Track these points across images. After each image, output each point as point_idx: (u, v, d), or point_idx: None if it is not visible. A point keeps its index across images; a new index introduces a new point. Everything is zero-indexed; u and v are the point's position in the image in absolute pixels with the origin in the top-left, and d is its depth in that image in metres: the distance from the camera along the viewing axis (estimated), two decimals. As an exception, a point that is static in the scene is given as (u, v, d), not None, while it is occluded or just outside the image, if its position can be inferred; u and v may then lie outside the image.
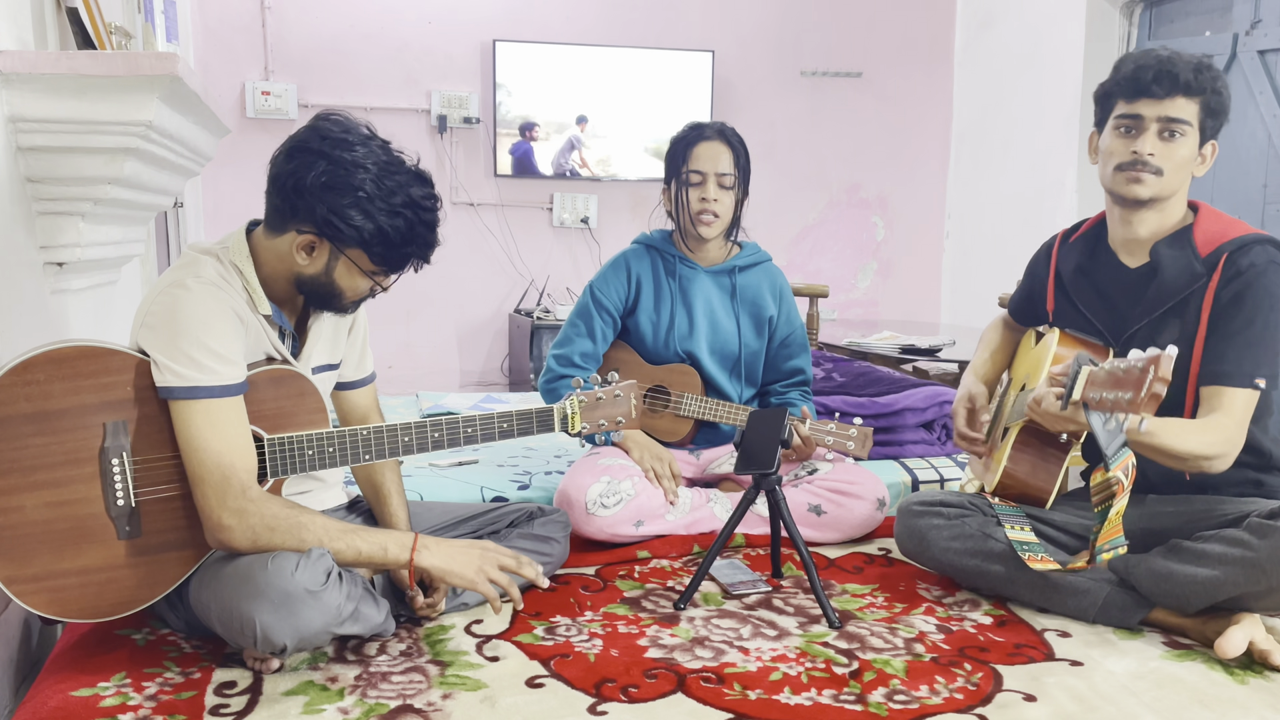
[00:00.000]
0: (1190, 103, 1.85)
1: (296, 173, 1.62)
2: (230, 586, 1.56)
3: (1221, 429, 1.78)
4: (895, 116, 5.51)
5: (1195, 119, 1.86)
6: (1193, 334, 1.86)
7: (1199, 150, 1.89)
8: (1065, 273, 2.06)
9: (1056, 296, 2.09)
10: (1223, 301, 1.83)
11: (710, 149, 2.40)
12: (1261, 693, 1.63)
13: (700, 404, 2.46)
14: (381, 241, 1.64)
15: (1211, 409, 1.81)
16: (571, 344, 2.46)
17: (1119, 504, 1.66)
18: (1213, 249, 1.87)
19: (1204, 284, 1.86)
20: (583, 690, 1.60)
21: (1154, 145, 1.86)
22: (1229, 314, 1.83)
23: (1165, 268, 1.89)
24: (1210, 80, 1.85)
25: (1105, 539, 1.70)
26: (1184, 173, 1.89)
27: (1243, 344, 1.80)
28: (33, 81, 1.77)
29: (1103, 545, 1.70)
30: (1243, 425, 1.80)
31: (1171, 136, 1.86)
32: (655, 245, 2.52)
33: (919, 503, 2.08)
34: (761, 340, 2.53)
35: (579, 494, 2.23)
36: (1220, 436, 1.77)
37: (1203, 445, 1.75)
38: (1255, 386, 1.80)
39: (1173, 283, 1.88)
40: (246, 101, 4.65)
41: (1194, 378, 1.85)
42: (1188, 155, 1.87)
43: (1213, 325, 1.84)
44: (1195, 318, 1.86)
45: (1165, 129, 1.86)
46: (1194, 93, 1.85)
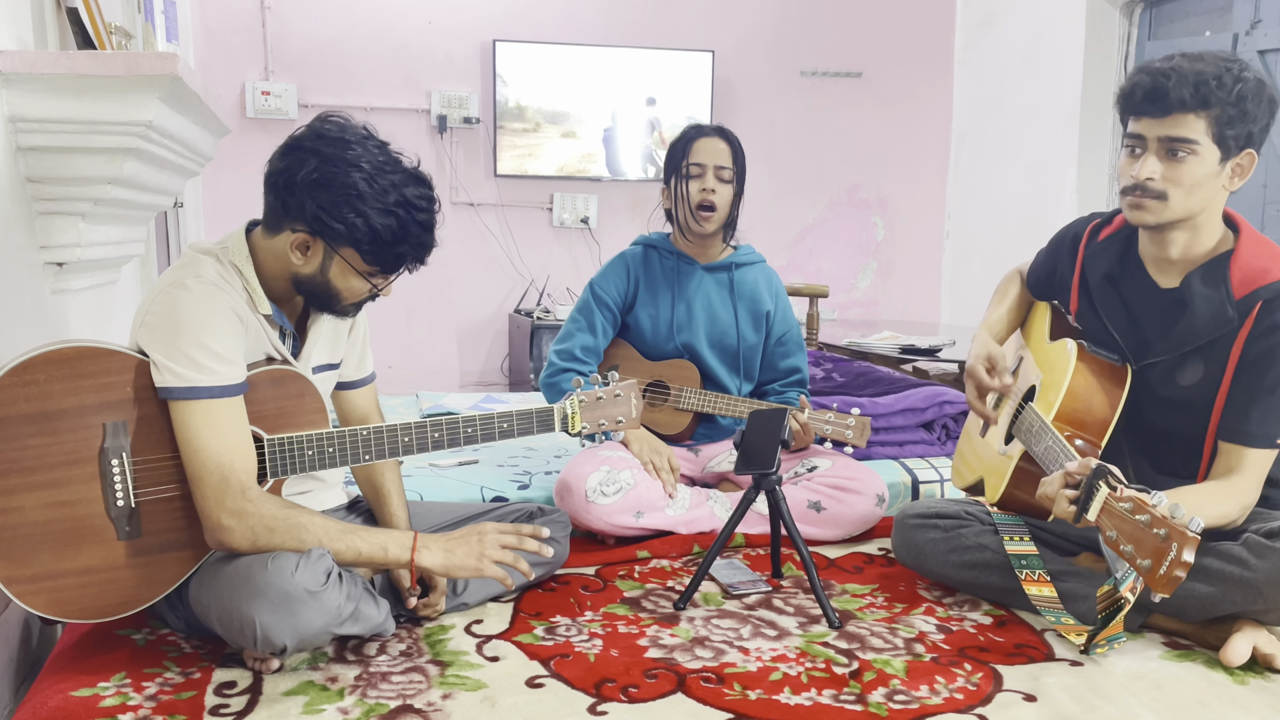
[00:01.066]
0: (1196, 119, 1.69)
1: (289, 170, 1.62)
2: (230, 587, 1.56)
3: (1239, 495, 1.73)
4: (895, 116, 5.51)
5: (1205, 134, 1.70)
6: (1217, 379, 1.78)
7: (1223, 164, 1.72)
8: (1092, 277, 1.95)
9: (1081, 299, 2.00)
10: (1251, 355, 1.74)
11: (709, 143, 2.46)
12: (1262, 693, 1.63)
13: (699, 397, 2.48)
14: (373, 240, 1.64)
15: (1229, 468, 1.76)
16: (573, 339, 2.49)
17: (1122, 613, 1.65)
18: (1249, 291, 1.74)
19: (1234, 329, 1.76)
20: (583, 690, 1.60)
21: (1156, 167, 1.73)
22: (1258, 370, 1.74)
23: (1197, 308, 1.77)
24: (1225, 91, 1.67)
25: (1106, 635, 1.70)
26: (1201, 193, 1.73)
27: (1270, 404, 1.73)
28: (33, 81, 1.77)
29: (1101, 641, 1.71)
30: (1258, 486, 1.75)
31: (1175, 155, 1.71)
32: (654, 244, 2.57)
33: (915, 515, 2.07)
34: (759, 334, 2.55)
35: (578, 482, 2.23)
36: (1237, 504, 1.73)
37: (1220, 517, 1.70)
38: (1277, 446, 1.75)
39: (1203, 325, 1.77)
40: (246, 101, 4.65)
41: (1214, 424, 1.79)
42: (1201, 174, 1.71)
43: (1238, 377, 1.76)
44: (1221, 363, 1.77)
45: (1167, 148, 1.72)
46: (1200, 107, 1.69)
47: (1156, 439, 1.90)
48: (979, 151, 5.39)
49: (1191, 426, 1.83)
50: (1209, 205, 1.76)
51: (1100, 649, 1.72)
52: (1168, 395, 1.85)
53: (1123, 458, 1.91)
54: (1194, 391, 1.81)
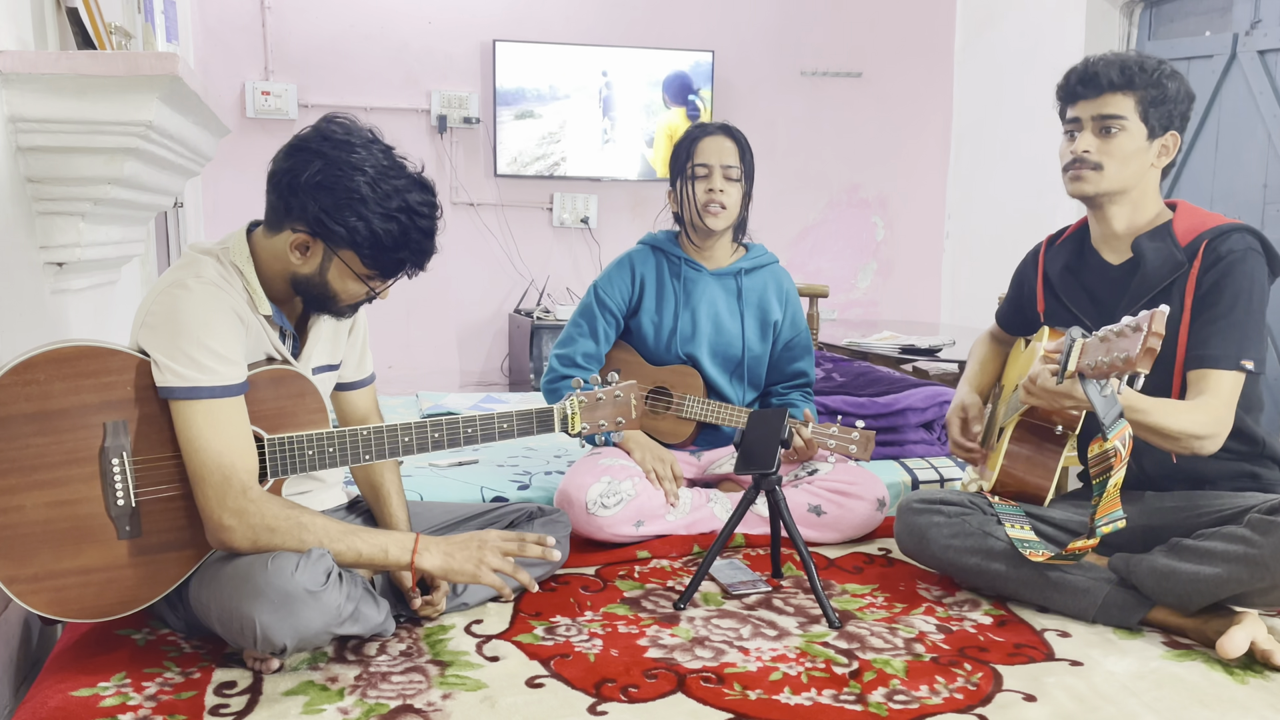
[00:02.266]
0: (1125, 97, 1.91)
1: (293, 170, 1.62)
2: (230, 587, 1.56)
3: (1210, 409, 1.80)
4: (895, 116, 5.51)
5: (1132, 112, 1.91)
6: (1177, 321, 1.88)
7: (1150, 141, 1.92)
8: (1053, 274, 2.10)
9: (1046, 298, 2.12)
10: (1204, 288, 1.87)
11: (715, 143, 2.41)
12: (1261, 693, 1.63)
13: (702, 406, 2.45)
14: (373, 244, 1.64)
15: (1199, 391, 1.83)
16: (574, 344, 2.46)
17: (1116, 475, 1.67)
18: (1192, 237, 1.91)
19: (1185, 272, 1.89)
20: (583, 690, 1.60)
21: (1090, 142, 1.94)
22: (1211, 299, 1.86)
23: (1147, 259, 1.92)
24: (1146, 74, 1.90)
25: (1104, 512, 1.71)
26: (1132, 165, 1.93)
27: (1225, 328, 1.83)
28: (33, 81, 1.77)
29: (1101, 519, 1.71)
30: (1230, 406, 1.82)
31: (1108, 133, 1.92)
32: (661, 246, 2.51)
33: (919, 500, 2.08)
34: (766, 344, 2.52)
35: (579, 494, 2.23)
36: (1209, 416, 1.79)
37: (1193, 424, 1.77)
38: (1241, 368, 1.82)
39: (1155, 272, 1.91)
40: (246, 101, 4.65)
41: (1180, 364, 1.88)
42: (1131, 148, 1.92)
43: (1196, 311, 1.87)
44: (1179, 305, 1.89)
45: (1100, 126, 1.93)
46: (1126, 88, 1.91)
47: None
48: (979, 151, 5.39)
49: (1162, 381, 1.89)
50: (1142, 180, 1.95)
51: (1104, 527, 1.72)
52: None
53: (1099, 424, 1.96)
54: None
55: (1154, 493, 1.96)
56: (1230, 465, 1.88)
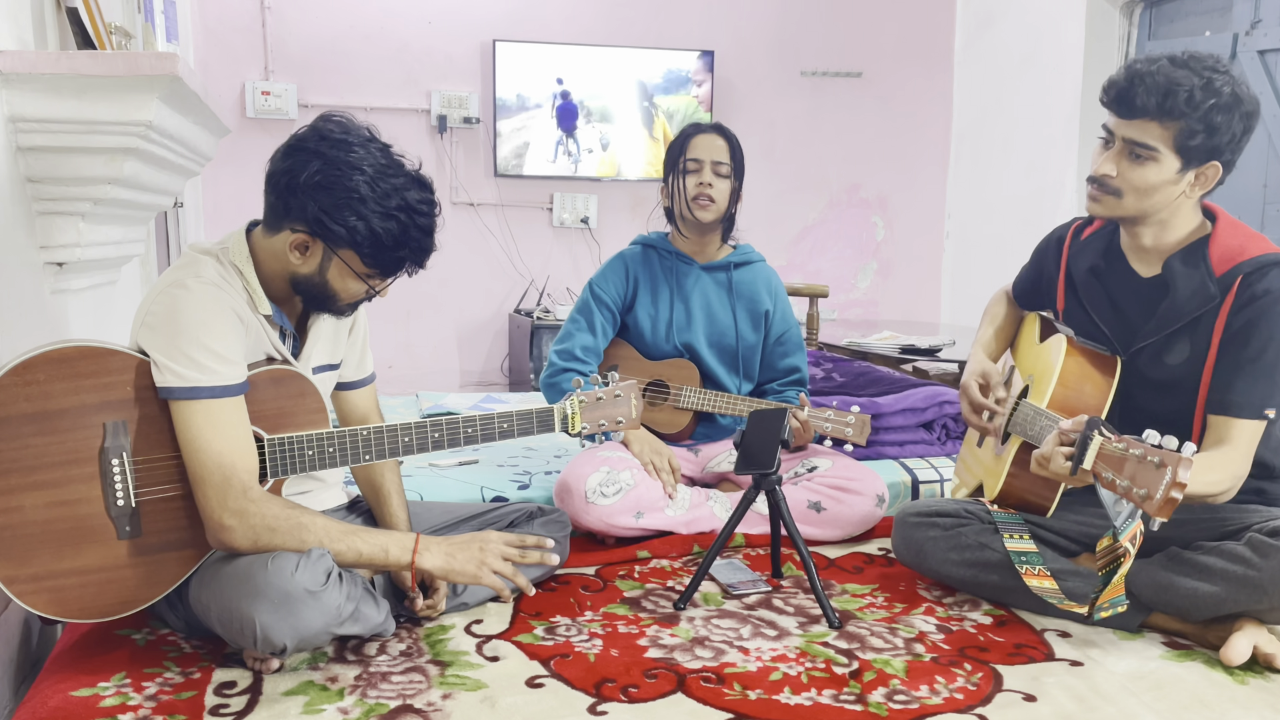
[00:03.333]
0: (1160, 127, 1.73)
1: (292, 170, 1.62)
2: (230, 586, 1.56)
3: (1229, 464, 1.74)
4: (895, 116, 5.51)
5: (1167, 145, 1.73)
6: (1203, 355, 1.81)
7: (1182, 173, 1.76)
8: (1077, 273, 2.01)
9: (1067, 296, 2.04)
10: (1234, 328, 1.78)
11: (706, 140, 2.47)
12: (1262, 693, 1.63)
13: (699, 396, 2.48)
14: (373, 243, 1.64)
15: (1219, 440, 1.77)
16: (572, 339, 2.49)
17: (1124, 569, 1.65)
18: (1228, 268, 1.79)
19: (1217, 305, 1.80)
20: (583, 690, 1.60)
21: (1116, 165, 1.79)
22: (1241, 341, 1.77)
23: (1178, 286, 1.82)
24: (1190, 106, 1.69)
25: (1107, 598, 1.69)
26: (1156, 197, 1.78)
27: (1254, 374, 1.76)
28: (33, 81, 1.77)
29: (1103, 604, 1.70)
30: (1249, 456, 1.77)
31: (1136, 158, 1.77)
32: (653, 244, 2.57)
33: (915, 513, 2.07)
34: (758, 334, 2.56)
35: (578, 483, 2.23)
36: (1228, 474, 1.74)
37: (1210, 485, 1.71)
38: (1264, 417, 1.76)
39: (1185, 303, 1.82)
40: (246, 101, 4.65)
41: (1202, 400, 1.82)
42: (1156, 180, 1.76)
43: (1223, 350, 1.79)
44: (1206, 339, 1.81)
45: (1130, 150, 1.77)
46: (1161, 117, 1.72)
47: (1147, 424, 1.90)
48: (979, 151, 5.39)
49: (1181, 408, 1.85)
50: (1168, 206, 1.81)
51: (1104, 612, 1.71)
52: (1156, 378, 1.86)
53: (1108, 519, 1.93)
54: (1181, 371, 1.83)
55: None
56: None
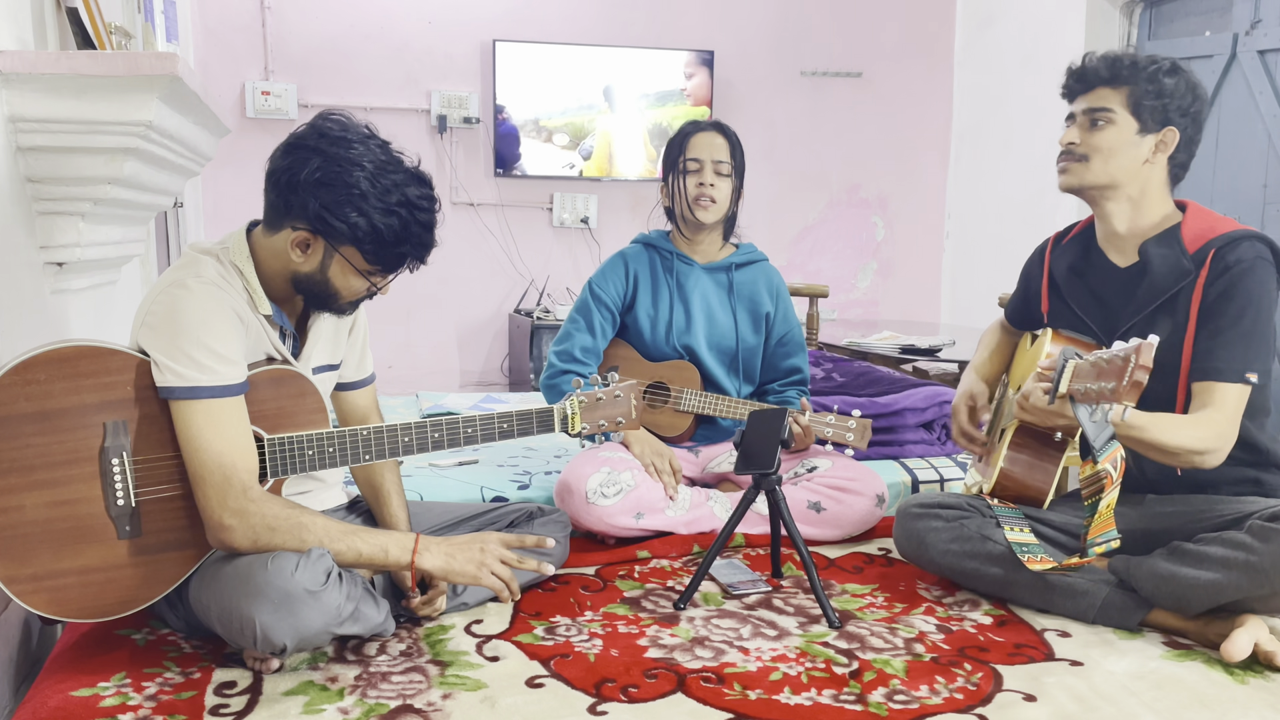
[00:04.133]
0: (1114, 92, 1.90)
1: (292, 168, 1.62)
2: (230, 586, 1.56)
3: (1213, 424, 1.78)
4: (895, 116, 5.51)
5: (1121, 105, 1.90)
6: (1183, 330, 1.86)
7: (1141, 135, 1.90)
8: (1058, 274, 2.08)
9: (1050, 298, 2.10)
10: (1210, 297, 1.84)
11: (706, 138, 2.46)
12: (1261, 693, 1.63)
13: (699, 399, 2.47)
14: (375, 240, 1.64)
15: (1203, 404, 1.81)
16: (571, 339, 2.48)
17: (1109, 497, 1.66)
18: (1200, 245, 1.87)
19: (1192, 280, 1.86)
20: (583, 690, 1.60)
21: (1079, 134, 1.94)
22: (1217, 310, 1.83)
23: (1154, 265, 1.90)
24: (1137, 69, 1.89)
25: (1096, 532, 1.70)
26: (1119, 158, 1.90)
27: (1232, 339, 1.81)
28: (33, 81, 1.77)
29: (1094, 539, 1.71)
30: (1234, 420, 1.80)
31: (1095, 125, 1.92)
32: (653, 243, 2.56)
33: (917, 505, 2.08)
34: (759, 336, 2.55)
35: (579, 483, 2.23)
36: (1212, 431, 1.77)
37: (1194, 440, 1.75)
38: (1246, 381, 1.80)
39: (1162, 280, 1.89)
40: (246, 101, 4.65)
41: (1185, 374, 1.86)
42: (1117, 140, 1.90)
43: (1202, 321, 1.85)
44: (1185, 314, 1.87)
45: (1090, 119, 1.92)
46: (1115, 83, 1.90)
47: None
48: (979, 151, 5.39)
49: (1165, 391, 1.87)
50: (1138, 179, 1.92)
51: (1097, 547, 1.72)
52: None
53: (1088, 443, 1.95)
54: (1164, 350, 1.85)
55: (1155, 496, 1.96)
56: (1233, 470, 1.87)
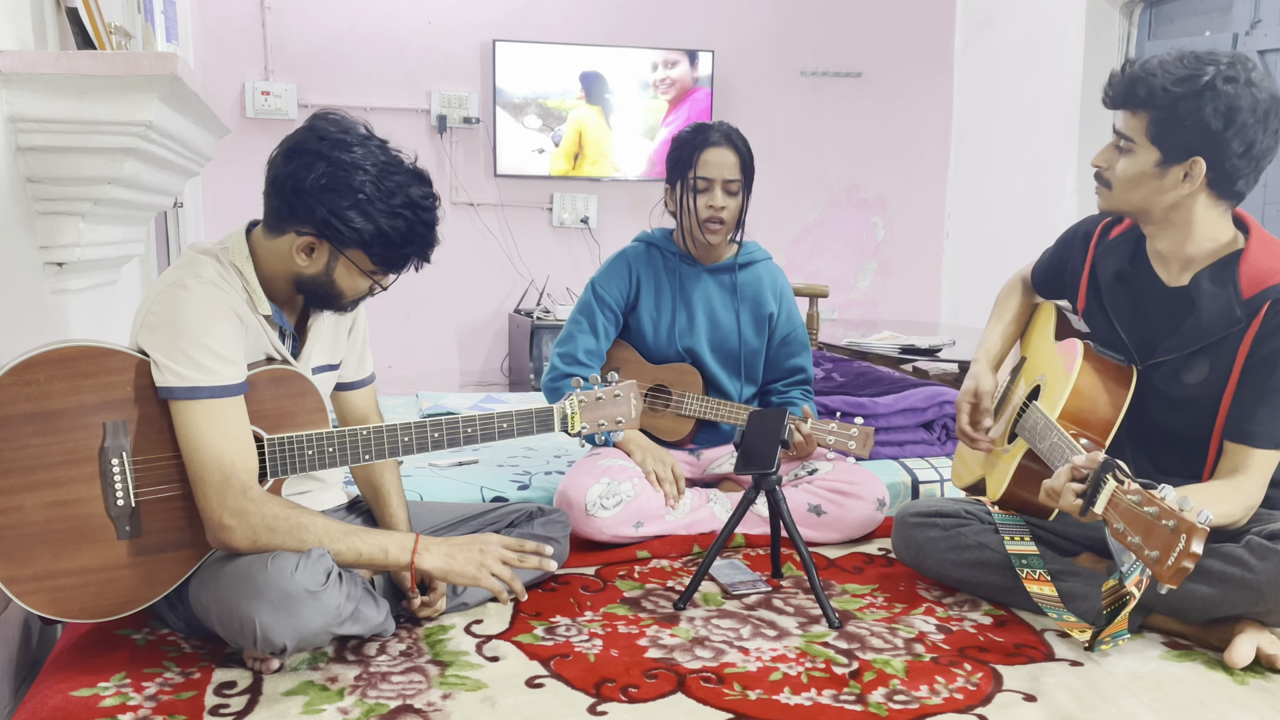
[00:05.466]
0: (1133, 117, 1.75)
1: (295, 175, 1.61)
2: (230, 586, 1.56)
3: (1245, 495, 1.73)
4: (895, 116, 5.51)
5: (1140, 134, 1.74)
6: (1224, 378, 1.78)
7: (1162, 167, 1.73)
8: (1102, 275, 1.96)
9: (1089, 296, 2.00)
10: (1259, 355, 1.74)
11: (717, 155, 2.38)
12: (1261, 693, 1.63)
13: (701, 403, 2.46)
14: (382, 242, 1.64)
15: (1235, 468, 1.75)
16: (574, 341, 2.46)
17: (1128, 609, 1.64)
18: (1257, 291, 1.74)
19: (1242, 329, 1.75)
20: (583, 690, 1.60)
21: (1108, 156, 1.81)
22: (1265, 370, 1.74)
23: (1204, 306, 1.78)
24: (1154, 96, 1.70)
25: (1110, 632, 1.69)
26: (1140, 191, 1.77)
27: (1275, 405, 1.73)
28: (33, 81, 1.77)
29: (1105, 638, 1.70)
30: (1264, 484, 1.75)
31: (1121, 151, 1.79)
32: (656, 243, 2.53)
33: (915, 513, 2.07)
34: (762, 338, 2.53)
35: (579, 495, 2.22)
36: (1242, 504, 1.72)
37: (1224, 516, 1.69)
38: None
39: (1210, 324, 1.77)
40: (246, 101, 4.65)
41: (1220, 423, 1.79)
42: (1135, 171, 1.76)
43: (1245, 377, 1.75)
44: (1228, 362, 1.77)
45: (1119, 141, 1.79)
46: (1134, 106, 1.74)
47: (1159, 438, 1.90)
48: (979, 151, 5.39)
49: (1195, 426, 1.83)
50: (1169, 207, 1.77)
51: (1105, 645, 1.72)
52: (1172, 394, 1.85)
53: (1124, 456, 1.91)
54: (1198, 390, 1.81)
55: None
56: None
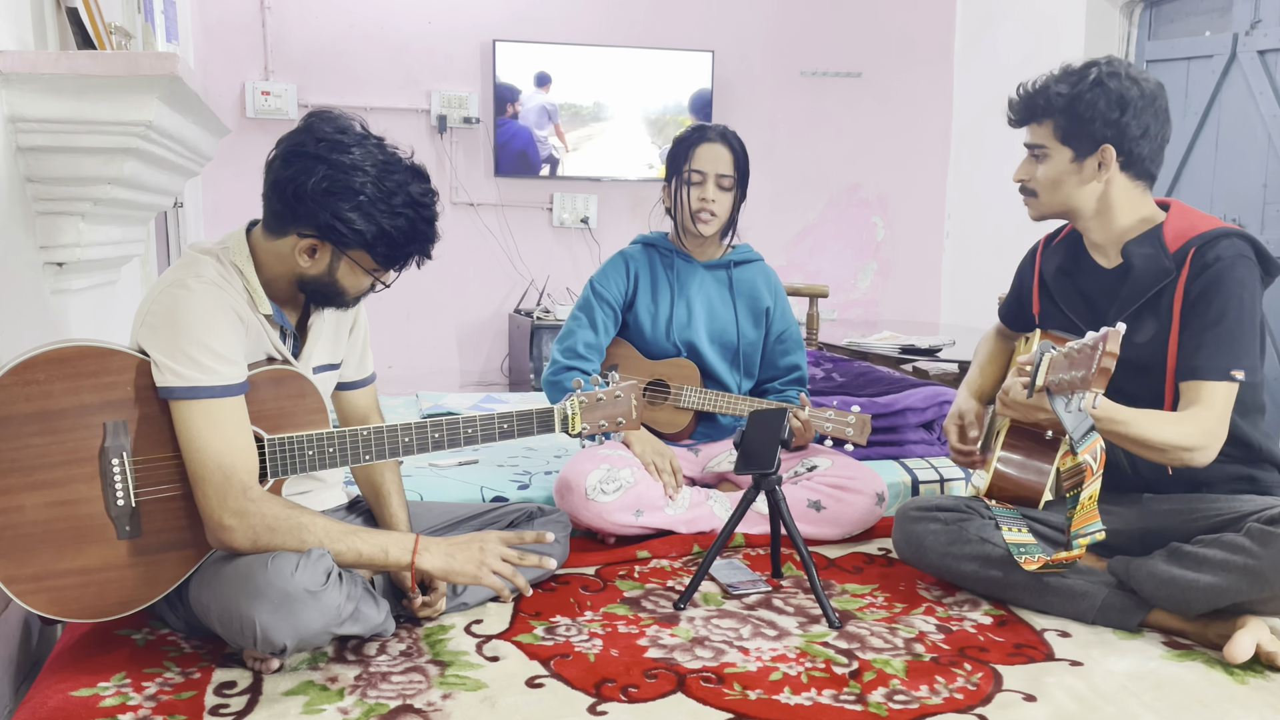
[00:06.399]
0: (1040, 127, 1.94)
1: (296, 178, 1.61)
2: (230, 587, 1.56)
3: (1200, 421, 1.78)
4: (895, 116, 5.51)
5: (1050, 139, 1.93)
6: (1167, 329, 1.87)
7: (1077, 161, 1.91)
8: (1048, 275, 2.09)
9: (1041, 299, 2.11)
10: (1193, 295, 1.84)
11: (711, 150, 2.45)
12: (1261, 693, 1.63)
13: (700, 395, 2.48)
14: (385, 242, 1.65)
15: (1190, 403, 1.81)
16: (574, 335, 2.49)
17: (1090, 488, 1.67)
18: (1181, 244, 1.87)
19: (1174, 279, 1.87)
20: (583, 690, 1.60)
21: (1027, 169, 1.99)
22: (1200, 308, 1.83)
23: (1135, 265, 1.90)
24: (1051, 102, 1.91)
25: (1080, 524, 1.71)
26: (1064, 188, 1.93)
27: (1216, 337, 1.81)
28: (33, 81, 1.77)
29: (1077, 530, 1.71)
30: (1223, 418, 1.80)
31: (1037, 159, 1.97)
32: (653, 243, 2.58)
33: (916, 508, 2.08)
34: (759, 331, 2.56)
35: (578, 479, 2.23)
36: (1199, 429, 1.77)
37: (1181, 436, 1.76)
38: (1232, 378, 1.80)
39: (1143, 279, 1.89)
40: (246, 101, 4.65)
41: (1171, 373, 1.86)
42: (1055, 173, 1.93)
43: (1185, 320, 1.85)
44: (1168, 313, 1.87)
45: (1033, 153, 1.97)
46: (1037, 117, 1.94)
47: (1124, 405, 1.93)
48: (979, 151, 5.39)
49: (1153, 390, 1.88)
50: (1091, 198, 1.94)
51: (1082, 539, 1.72)
52: (1128, 358, 1.88)
53: None
54: (1150, 349, 1.88)
55: (1151, 495, 1.96)
56: (1227, 468, 1.87)
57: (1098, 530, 1.72)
